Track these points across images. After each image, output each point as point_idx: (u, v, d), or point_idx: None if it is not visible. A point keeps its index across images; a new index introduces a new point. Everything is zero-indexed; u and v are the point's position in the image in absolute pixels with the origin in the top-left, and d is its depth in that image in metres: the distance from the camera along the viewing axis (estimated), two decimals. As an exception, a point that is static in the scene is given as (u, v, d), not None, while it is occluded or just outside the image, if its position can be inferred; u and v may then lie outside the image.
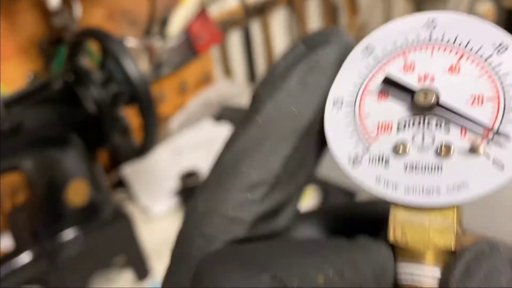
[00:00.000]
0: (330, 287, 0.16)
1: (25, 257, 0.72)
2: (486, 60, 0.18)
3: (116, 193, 1.04)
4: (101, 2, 1.00)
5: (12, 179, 0.88)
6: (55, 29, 0.92)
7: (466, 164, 0.17)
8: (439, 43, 0.19)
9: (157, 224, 0.96)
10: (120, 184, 1.05)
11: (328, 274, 0.16)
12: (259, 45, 1.47)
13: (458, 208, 0.18)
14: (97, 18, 1.00)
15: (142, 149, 0.79)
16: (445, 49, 0.19)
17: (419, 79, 0.19)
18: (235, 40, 1.40)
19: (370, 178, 0.19)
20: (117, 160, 1.05)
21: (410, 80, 0.19)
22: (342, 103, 0.20)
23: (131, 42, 1.02)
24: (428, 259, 0.17)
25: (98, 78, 0.76)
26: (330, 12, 1.68)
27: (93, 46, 0.90)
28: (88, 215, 0.75)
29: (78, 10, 0.91)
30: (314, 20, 1.66)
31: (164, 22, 1.07)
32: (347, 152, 0.19)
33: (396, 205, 0.18)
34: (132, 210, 0.96)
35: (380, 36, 0.21)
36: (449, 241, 0.17)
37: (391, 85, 0.19)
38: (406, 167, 0.18)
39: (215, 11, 1.27)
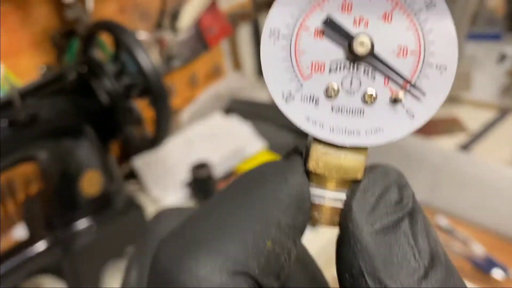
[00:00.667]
0: (276, 242, 0.18)
1: (39, 246, 0.73)
2: (415, 14, 0.20)
3: (128, 185, 1.05)
4: (113, -5, 1.01)
5: (25, 168, 0.89)
6: (68, 21, 0.93)
7: (385, 111, 0.20)
8: None
9: (168, 215, 0.97)
10: (132, 175, 1.06)
11: (272, 235, 0.18)
12: (269, 39, 1.47)
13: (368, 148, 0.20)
14: (109, 11, 1.01)
15: (155, 140, 0.80)
16: None
17: (355, 22, 0.20)
18: (244, 33, 1.40)
19: (301, 115, 0.20)
20: (128, 152, 1.06)
21: (346, 21, 0.20)
22: (278, 35, 0.20)
23: (142, 35, 1.02)
24: (337, 185, 0.20)
25: (111, 69, 0.77)
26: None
27: (105, 39, 0.91)
28: (101, 205, 0.76)
29: (90, 3, 0.92)
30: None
31: (175, 15, 1.07)
32: (281, 87, 0.21)
33: (319, 140, 0.20)
34: (144, 201, 0.96)
35: None
36: (358, 173, 0.20)
37: (331, 27, 0.20)
38: (333, 109, 0.20)
39: (225, 4, 1.27)
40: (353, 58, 0.20)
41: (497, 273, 0.71)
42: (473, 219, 0.82)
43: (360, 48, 0.19)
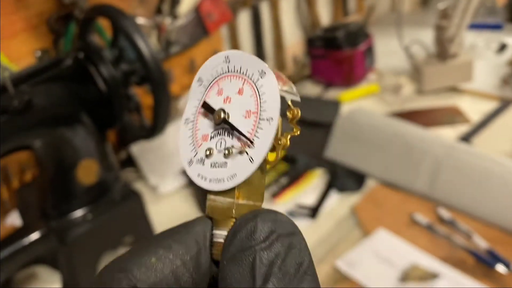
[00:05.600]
0: (162, 261, 0.24)
1: (33, 236, 0.71)
2: (255, 82, 0.27)
3: (125, 172, 1.03)
4: (110, -22, 0.98)
5: (20, 155, 0.87)
6: (65, 5, 0.90)
7: (237, 160, 0.27)
8: (233, 73, 0.28)
9: (166, 203, 0.96)
10: (129, 162, 1.05)
11: (158, 254, 0.24)
12: (268, 25, 1.45)
13: (237, 188, 0.27)
14: (106, -5, 0.98)
15: (153, 130, 0.78)
16: (237, 77, 0.28)
17: (224, 101, 0.28)
18: (244, 19, 1.38)
19: (195, 174, 0.28)
20: (125, 139, 1.05)
21: (219, 101, 0.28)
22: (188, 122, 0.30)
23: (141, 20, 1.00)
24: (223, 225, 0.26)
25: (109, 56, 0.74)
26: (340, -8, 1.66)
27: (103, 24, 0.88)
28: (97, 195, 0.75)
29: (87, -14, 0.89)
30: (323, 1, 1.63)
31: (174, 1, 1.05)
32: (188, 156, 0.29)
33: (210, 191, 0.27)
34: (141, 189, 0.95)
35: (205, 69, 0.30)
36: (230, 211, 0.26)
37: (205, 108, 0.28)
38: (211, 165, 0.27)
39: (225, -11, 1.25)
40: (218, 126, 0.28)
41: (500, 268, 0.70)
42: (475, 212, 0.81)
43: (217, 118, 0.27)
